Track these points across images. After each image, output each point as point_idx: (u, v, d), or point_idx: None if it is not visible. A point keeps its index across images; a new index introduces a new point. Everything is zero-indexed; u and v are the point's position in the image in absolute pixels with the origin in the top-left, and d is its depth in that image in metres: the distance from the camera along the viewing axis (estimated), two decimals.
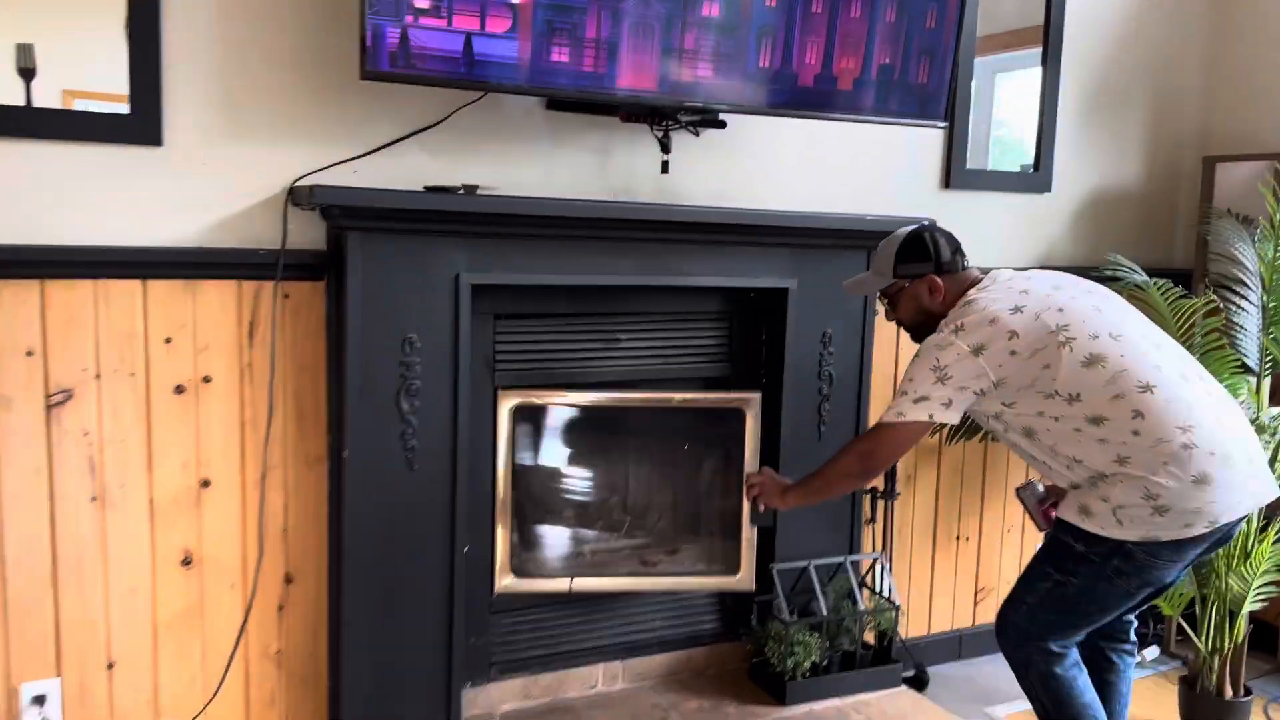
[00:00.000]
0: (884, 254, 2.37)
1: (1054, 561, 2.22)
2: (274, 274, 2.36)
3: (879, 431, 2.27)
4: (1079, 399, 2.11)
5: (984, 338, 2.16)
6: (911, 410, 2.19)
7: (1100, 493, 2.12)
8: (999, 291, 2.26)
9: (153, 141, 2.25)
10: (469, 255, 2.43)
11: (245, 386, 2.39)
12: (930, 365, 2.19)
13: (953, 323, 2.21)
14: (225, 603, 2.43)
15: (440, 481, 2.46)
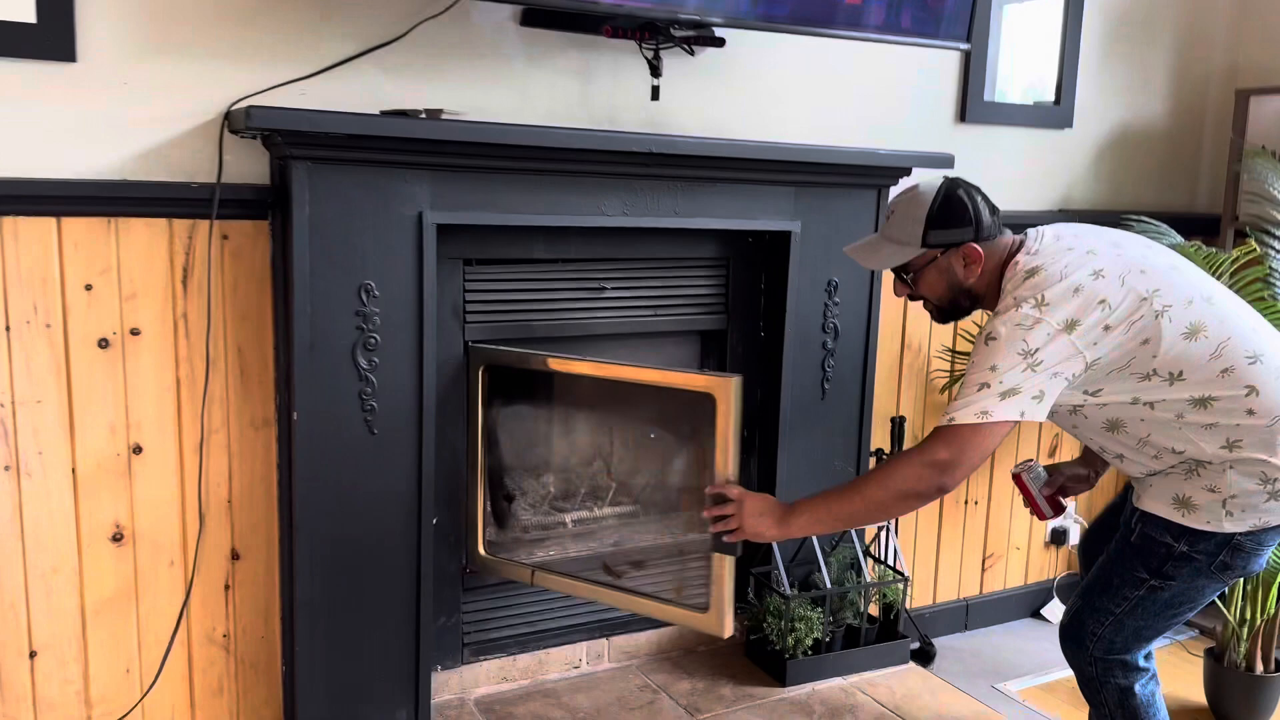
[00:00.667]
0: (907, 216, 1.92)
1: (1148, 564, 1.91)
2: (209, 211, 2.06)
3: (958, 435, 1.77)
4: (1181, 378, 1.80)
5: (1074, 310, 1.77)
6: (1000, 408, 1.74)
7: (1205, 482, 1.84)
8: (1060, 254, 1.86)
9: (65, 56, 1.94)
10: (433, 190, 2.15)
11: (180, 339, 2.10)
12: (1018, 349, 1.75)
13: (1029, 295, 1.79)
14: (163, 582, 2.16)
15: (405, 446, 2.20)
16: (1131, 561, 1.93)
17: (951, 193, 1.92)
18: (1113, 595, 1.95)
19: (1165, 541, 1.88)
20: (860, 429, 2.78)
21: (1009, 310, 1.80)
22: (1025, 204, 3.11)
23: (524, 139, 2.15)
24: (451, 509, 2.40)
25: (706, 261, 2.61)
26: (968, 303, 1.99)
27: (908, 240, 1.94)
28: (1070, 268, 1.82)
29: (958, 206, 1.91)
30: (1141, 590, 1.92)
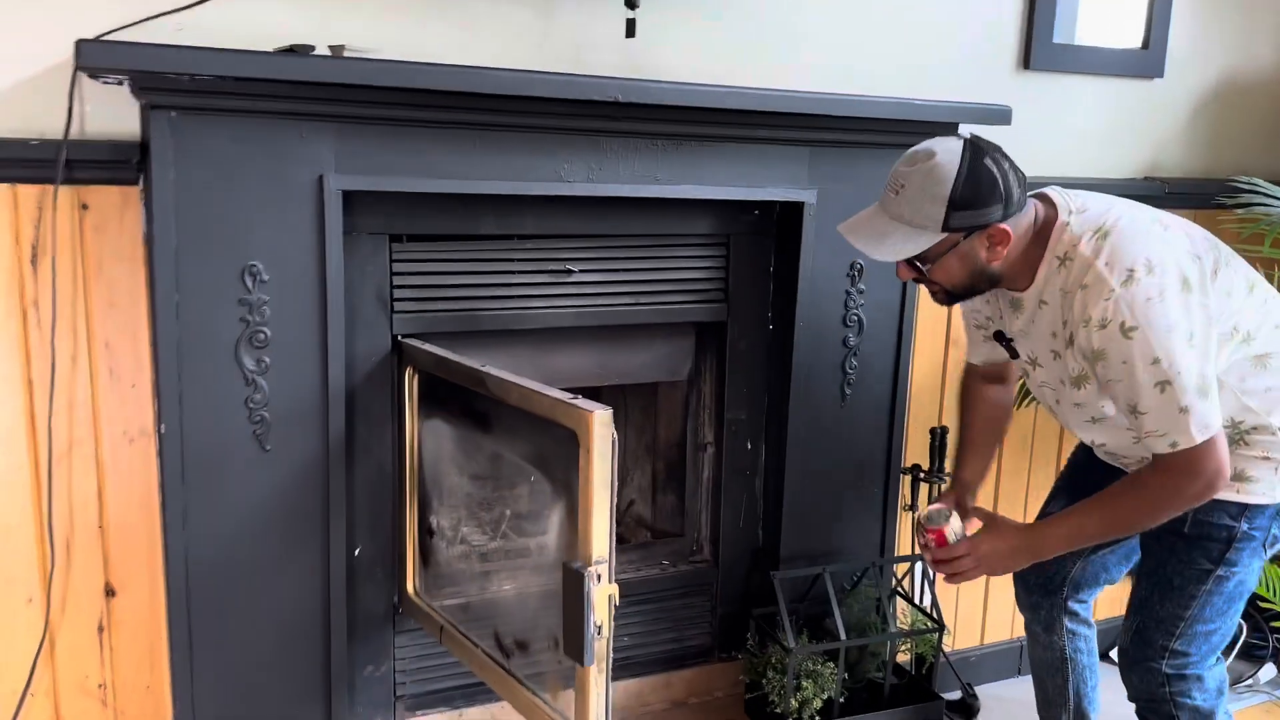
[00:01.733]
0: (923, 195, 1.55)
1: (1209, 553, 1.70)
2: (62, 175, 1.67)
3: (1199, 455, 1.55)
4: (1250, 338, 1.66)
5: (1182, 265, 1.56)
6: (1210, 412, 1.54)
7: (1257, 451, 1.68)
8: (1108, 206, 1.65)
9: None
10: (339, 149, 1.72)
11: (31, 332, 1.72)
12: (1182, 335, 1.52)
13: (1129, 260, 1.54)
14: (20, 623, 1.79)
15: (307, 465, 1.79)
16: (1188, 554, 1.71)
17: (977, 164, 1.55)
18: (1176, 598, 1.73)
19: (1225, 524, 1.68)
20: (890, 442, 2.30)
21: (1119, 285, 1.53)
22: (1102, 170, 2.57)
23: (448, 82, 1.70)
24: (378, 538, 1.98)
25: (701, 239, 2.14)
26: (985, 286, 1.68)
27: (924, 223, 1.57)
28: (1137, 220, 1.61)
29: (986, 181, 1.55)
30: (1208, 584, 1.71)
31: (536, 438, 1.69)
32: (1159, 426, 1.55)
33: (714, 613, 2.33)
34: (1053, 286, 1.63)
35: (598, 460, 1.48)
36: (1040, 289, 1.65)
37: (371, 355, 1.91)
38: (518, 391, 1.65)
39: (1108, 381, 1.58)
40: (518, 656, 1.81)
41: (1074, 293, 1.58)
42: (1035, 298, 1.66)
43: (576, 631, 1.51)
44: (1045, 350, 1.70)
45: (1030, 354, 1.75)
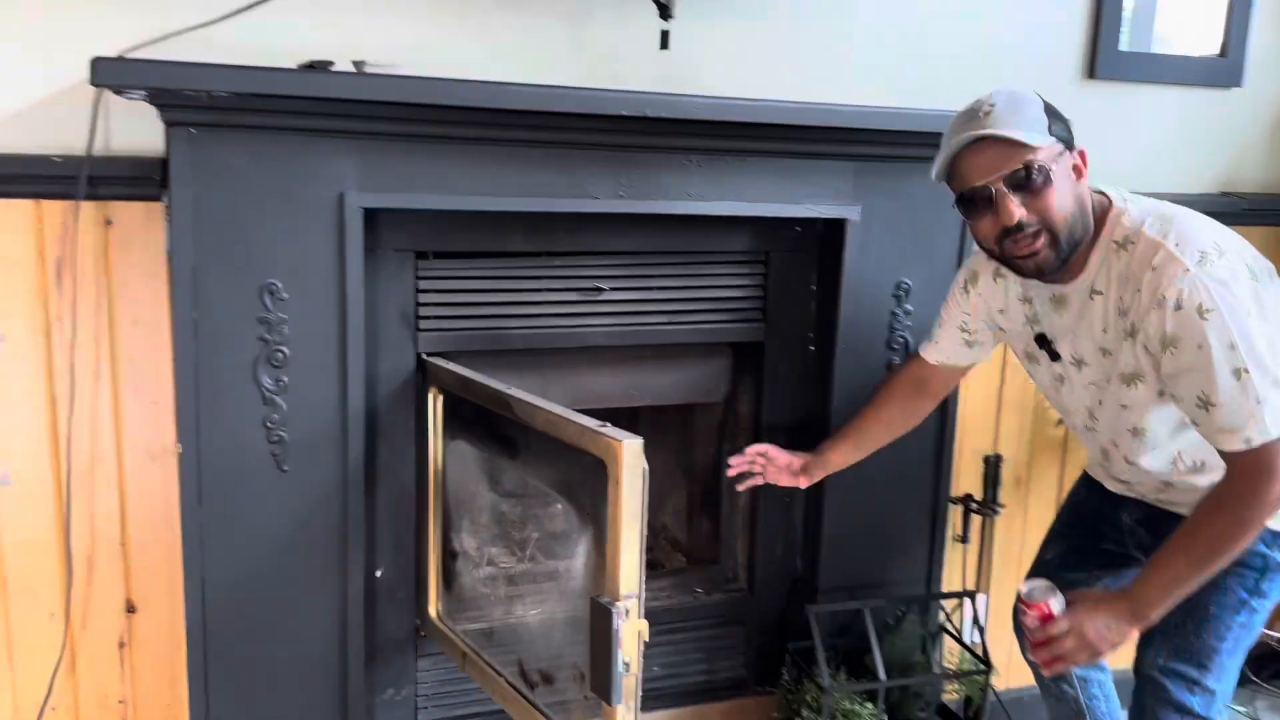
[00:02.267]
0: (1014, 105, 1.49)
1: (1245, 583, 1.61)
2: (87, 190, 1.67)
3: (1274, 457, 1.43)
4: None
5: (1246, 256, 1.51)
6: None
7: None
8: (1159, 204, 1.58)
9: None
10: (361, 166, 1.68)
11: (55, 347, 1.72)
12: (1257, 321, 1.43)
13: (1198, 243, 1.46)
14: (44, 637, 1.80)
15: (325, 486, 1.76)
16: (1225, 582, 1.58)
17: (1039, 98, 1.54)
18: (1212, 628, 1.61)
19: (1260, 552, 1.58)
20: (938, 471, 2.19)
21: (1194, 265, 1.43)
22: (1175, 183, 2.43)
23: (469, 98, 1.65)
24: (401, 560, 1.95)
25: (738, 257, 2.07)
26: (1082, 231, 1.53)
27: (1031, 127, 1.48)
28: (1194, 213, 1.55)
29: (1052, 108, 1.54)
30: (1243, 615, 1.61)
31: (563, 464, 1.62)
32: (1232, 421, 1.43)
33: (749, 644, 2.24)
34: (1108, 273, 1.53)
35: (627, 492, 1.41)
36: (1092, 278, 1.56)
37: (395, 374, 1.88)
38: (544, 416, 1.59)
39: (1176, 373, 1.46)
40: (542, 688, 1.75)
41: (1140, 274, 1.48)
42: (1085, 289, 1.57)
43: (604, 669, 1.44)
44: (1093, 348, 1.60)
45: (1074, 354, 1.64)
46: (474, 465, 1.95)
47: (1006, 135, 1.46)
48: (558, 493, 1.80)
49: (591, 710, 1.54)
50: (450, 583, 1.98)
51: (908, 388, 1.90)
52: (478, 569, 2.05)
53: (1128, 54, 2.30)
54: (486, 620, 1.97)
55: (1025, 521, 2.46)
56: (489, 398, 1.72)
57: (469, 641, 1.89)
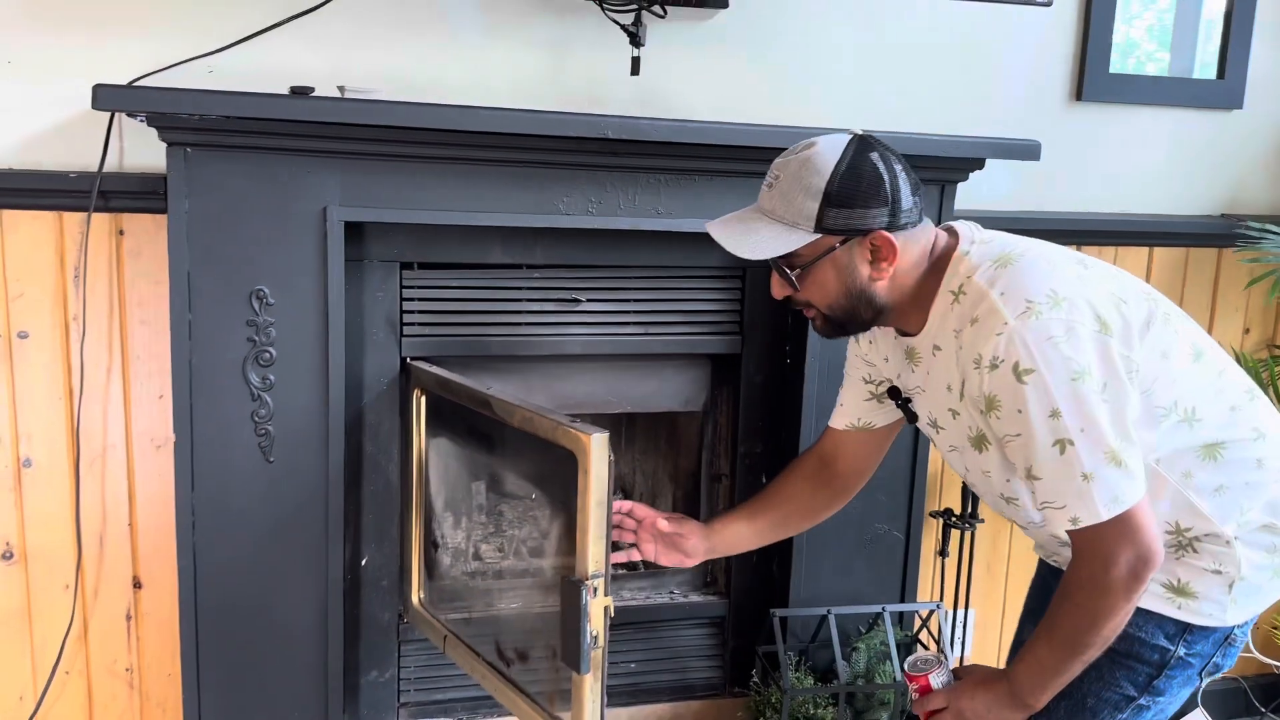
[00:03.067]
0: (797, 185, 1.35)
1: (1135, 678, 1.43)
2: (100, 203, 1.85)
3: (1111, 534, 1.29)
4: (1196, 418, 1.38)
5: (1098, 304, 1.31)
6: (1121, 482, 1.27)
7: (1206, 562, 1.40)
8: (1019, 240, 1.42)
9: None
10: (343, 182, 1.83)
11: (72, 345, 1.91)
12: (1093, 384, 1.27)
13: (1031, 292, 1.29)
14: (59, 607, 1.98)
15: (308, 477, 1.90)
16: (1111, 674, 1.42)
17: (863, 156, 1.34)
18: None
19: (1159, 645, 1.41)
20: (911, 483, 2.23)
21: (1013, 318, 1.28)
22: (1172, 206, 2.43)
23: (440, 121, 1.78)
24: (385, 549, 2.08)
25: (714, 271, 2.15)
26: (869, 314, 1.42)
27: (795, 220, 1.35)
28: (1049, 254, 1.39)
29: (869, 177, 1.33)
30: (1125, 712, 1.44)
31: (538, 457, 1.74)
32: (1056, 497, 1.29)
33: (725, 646, 2.32)
34: (944, 327, 1.39)
35: (595, 481, 1.54)
36: (933, 333, 1.41)
37: (381, 376, 2.02)
38: (520, 414, 1.71)
39: (1003, 439, 1.33)
40: (518, 665, 1.87)
41: (964, 329, 1.34)
42: (929, 343, 1.42)
43: (574, 641, 1.57)
44: (943, 409, 1.44)
45: (930, 415, 1.49)
46: (455, 461, 2.08)
47: (742, 255, 1.38)
48: (532, 483, 1.94)
49: (563, 684, 1.65)
50: (433, 571, 2.11)
51: (814, 462, 1.70)
52: (458, 559, 2.18)
53: (1119, 76, 2.32)
54: (466, 607, 2.09)
55: (1012, 536, 2.48)
56: (470, 397, 1.85)
57: (449, 626, 2.02)
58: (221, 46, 1.87)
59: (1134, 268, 2.41)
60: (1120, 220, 2.38)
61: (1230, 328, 2.51)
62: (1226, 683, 2.67)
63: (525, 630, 1.90)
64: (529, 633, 1.87)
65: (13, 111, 1.83)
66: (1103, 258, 2.34)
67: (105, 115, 1.83)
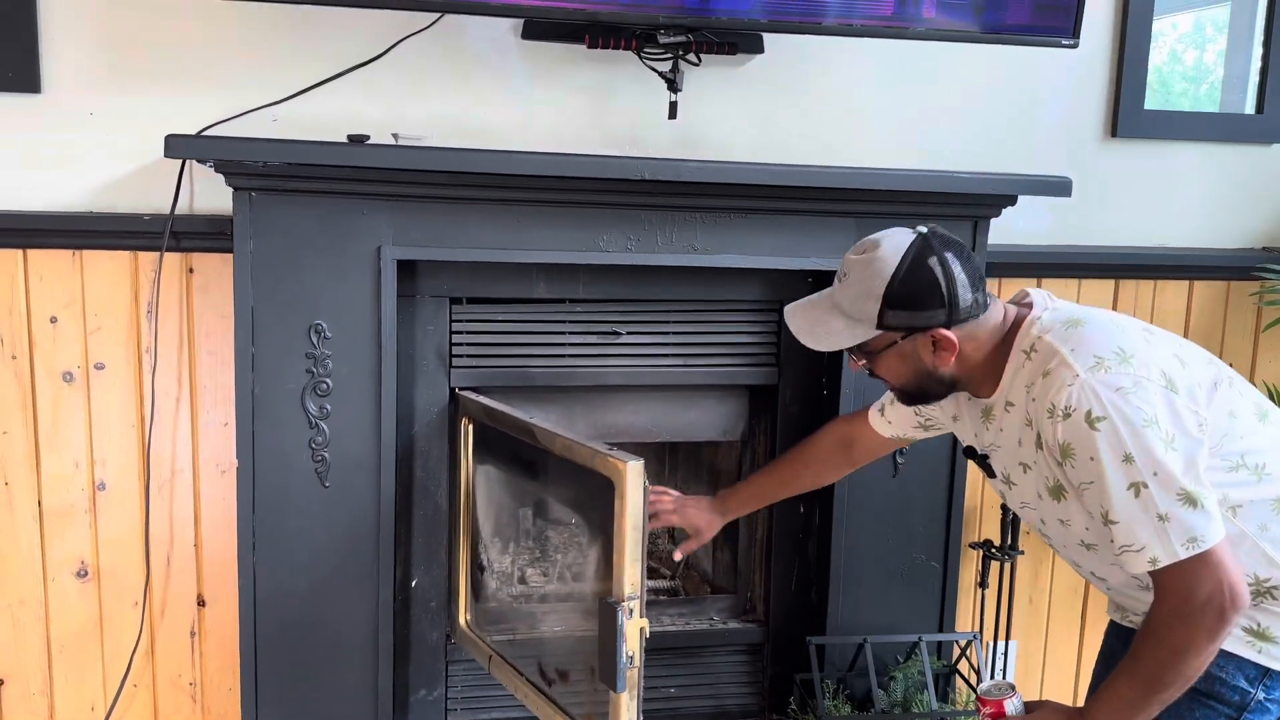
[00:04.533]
0: (860, 287, 1.49)
1: (1214, 718, 1.47)
2: (171, 243, 1.98)
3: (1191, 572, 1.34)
4: (1266, 471, 1.44)
5: (1162, 362, 1.40)
6: (1198, 522, 1.34)
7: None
8: (1087, 308, 1.52)
9: (29, 88, 1.93)
10: (396, 223, 1.94)
11: (144, 375, 2.04)
12: (1161, 435, 1.34)
13: (1099, 351, 1.39)
14: (128, 622, 2.10)
15: (361, 501, 2.00)
16: (1192, 712, 1.46)
17: (920, 262, 1.46)
18: None
19: (1240, 687, 1.44)
20: (949, 514, 2.27)
21: (1084, 371, 1.37)
22: (1211, 240, 2.44)
23: (484, 165, 1.89)
24: (434, 572, 2.17)
25: (750, 305, 2.22)
26: (941, 389, 1.57)
27: (860, 316, 1.50)
28: (1117, 319, 1.50)
29: (925, 282, 1.46)
30: None
31: (578, 484, 1.82)
32: (1134, 539, 1.35)
33: (764, 673, 2.36)
34: (1017, 384, 1.49)
35: (630, 506, 1.62)
36: (1006, 390, 1.51)
37: (431, 406, 2.11)
38: (561, 442, 1.80)
39: (1078, 486, 1.41)
40: (559, 685, 1.94)
41: (1036, 383, 1.44)
42: (1002, 401, 1.52)
43: (610, 661, 1.64)
44: (1015, 463, 1.54)
45: (1004, 470, 1.58)
46: (501, 488, 2.17)
47: (813, 346, 1.56)
48: (573, 509, 2.02)
49: (601, 702, 1.72)
50: (479, 593, 2.19)
51: (839, 439, 1.88)
52: (504, 581, 2.26)
53: (1153, 112, 2.35)
54: (510, 628, 2.17)
55: (1053, 568, 2.49)
56: (514, 426, 1.93)
57: (494, 646, 2.10)
58: (284, 97, 2.00)
59: (1174, 301, 2.42)
60: (1159, 254, 2.40)
61: (1277, 361, 2.51)
62: None
63: (567, 651, 1.96)
64: (570, 654, 1.94)
65: (93, 158, 1.98)
66: (1142, 292, 2.40)
67: (177, 162, 1.97)
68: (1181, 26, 2.52)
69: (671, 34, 1.89)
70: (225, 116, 1.98)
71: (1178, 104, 2.45)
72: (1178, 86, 2.50)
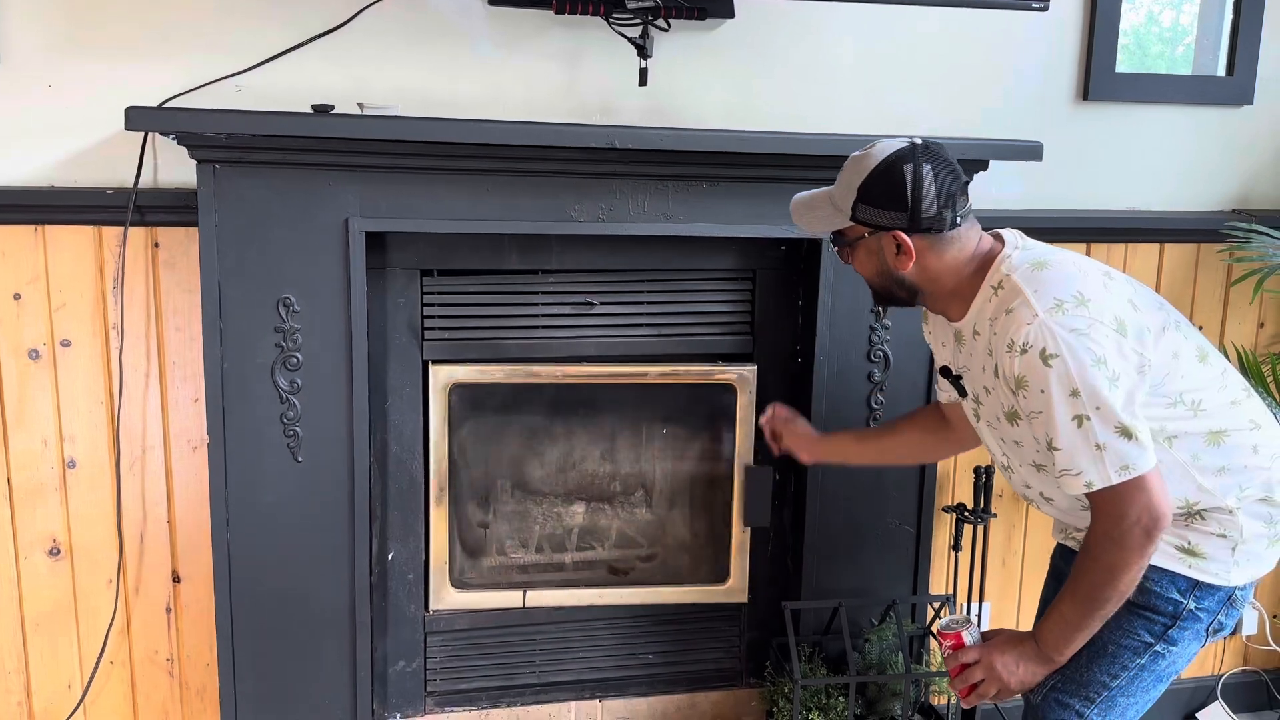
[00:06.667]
0: (846, 179, 1.60)
1: (1151, 627, 1.59)
2: (136, 218, 1.95)
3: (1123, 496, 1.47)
4: (1201, 408, 1.57)
5: (1116, 307, 1.50)
6: (1131, 451, 1.45)
7: (1213, 527, 1.58)
8: (1055, 250, 1.61)
9: None
10: (363, 194, 1.92)
11: (111, 352, 2.01)
12: (1106, 374, 1.44)
13: (1059, 292, 1.48)
14: (103, 600, 2.09)
15: (334, 475, 1.99)
16: (1130, 623, 1.59)
17: (897, 165, 1.54)
18: (1106, 665, 1.60)
19: (1172, 598, 1.58)
20: (922, 479, 2.28)
21: (1043, 311, 1.47)
22: (1183, 202, 2.45)
23: (450, 134, 1.87)
24: (410, 543, 2.17)
25: (724, 274, 2.22)
26: (904, 294, 1.65)
27: (841, 207, 1.61)
28: (1080, 263, 1.57)
29: (895, 183, 1.54)
30: (1144, 658, 1.59)
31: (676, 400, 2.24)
32: (1073, 464, 1.48)
33: (741, 638, 2.38)
34: (983, 315, 1.58)
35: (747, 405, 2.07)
36: (973, 318, 1.60)
37: (404, 378, 2.10)
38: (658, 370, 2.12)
39: (1028, 415, 1.51)
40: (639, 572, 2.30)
41: (999, 318, 1.53)
42: (970, 328, 1.62)
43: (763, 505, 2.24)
44: (981, 385, 1.63)
45: (974, 390, 1.68)
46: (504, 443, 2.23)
47: (797, 221, 1.69)
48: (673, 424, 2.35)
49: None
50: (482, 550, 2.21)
51: (933, 416, 1.93)
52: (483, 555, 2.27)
53: (1125, 75, 2.34)
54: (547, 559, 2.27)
55: (1026, 528, 2.52)
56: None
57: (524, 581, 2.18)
58: (248, 67, 1.96)
59: (1145, 264, 2.43)
60: (1130, 217, 2.40)
61: (1245, 322, 2.53)
62: (1246, 675, 2.68)
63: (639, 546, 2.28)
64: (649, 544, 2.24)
65: (53, 132, 1.94)
66: (1113, 255, 2.40)
67: (139, 135, 1.94)
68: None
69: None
70: (188, 87, 1.95)
71: (1154, 65, 2.43)
72: (1154, 48, 2.49)
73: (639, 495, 2.43)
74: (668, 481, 2.45)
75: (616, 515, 2.41)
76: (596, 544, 2.40)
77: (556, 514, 2.33)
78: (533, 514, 2.36)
